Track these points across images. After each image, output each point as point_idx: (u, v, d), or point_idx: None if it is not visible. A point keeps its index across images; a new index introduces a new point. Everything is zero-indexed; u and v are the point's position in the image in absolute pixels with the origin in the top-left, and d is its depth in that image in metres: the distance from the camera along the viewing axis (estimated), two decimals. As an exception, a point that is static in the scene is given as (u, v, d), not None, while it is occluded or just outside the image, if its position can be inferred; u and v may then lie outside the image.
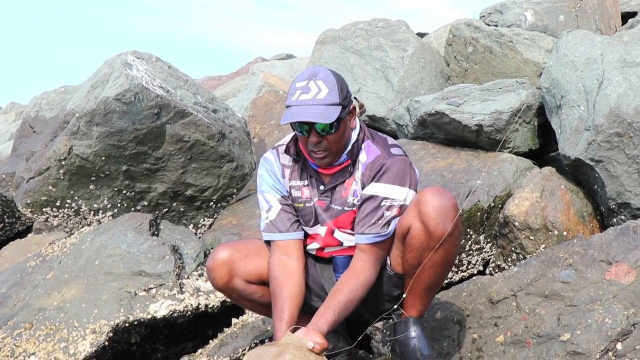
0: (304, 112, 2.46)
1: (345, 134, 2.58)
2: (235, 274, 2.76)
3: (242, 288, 2.79)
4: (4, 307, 3.91)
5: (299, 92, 2.50)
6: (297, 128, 2.55)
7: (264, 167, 2.78)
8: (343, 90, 2.53)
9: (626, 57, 4.03)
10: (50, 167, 4.64)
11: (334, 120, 2.46)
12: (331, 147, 2.55)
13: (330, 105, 2.47)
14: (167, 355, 3.87)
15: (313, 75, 2.52)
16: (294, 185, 2.74)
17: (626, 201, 3.74)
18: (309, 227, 2.75)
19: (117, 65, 4.71)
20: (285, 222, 2.72)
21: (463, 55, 5.96)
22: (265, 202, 2.77)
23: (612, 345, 2.63)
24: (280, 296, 2.60)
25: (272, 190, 2.76)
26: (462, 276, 3.93)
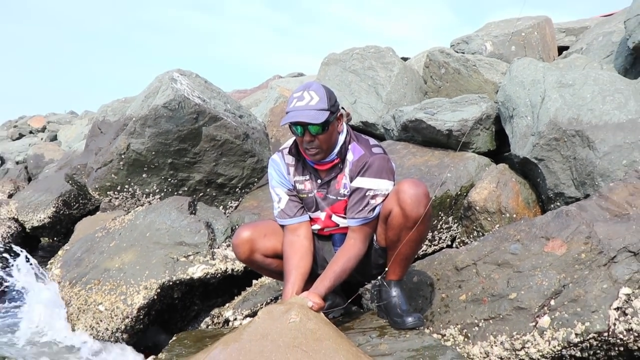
0: (299, 114, 2.47)
1: (333, 135, 2.58)
2: (256, 250, 2.77)
3: (261, 260, 2.81)
4: (79, 267, 3.94)
5: (295, 100, 2.52)
6: (294, 129, 2.55)
7: (272, 167, 2.78)
8: (331, 100, 2.54)
9: (562, 79, 4.02)
10: (113, 160, 4.64)
11: (323, 122, 2.47)
12: (322, 145, 2.55)
13: (320, 110, 2.48)
14: (202, 308, 3.89)
15: (307, 87, 2.53)
16: (298, 180, 2.74)
17: (561, 191, 3.74)
18: (311, 213, 2.76)
19: (165, 80, 4.71)
20: (292, 209, 2.73)
21: (437, 75, 5.93)
22: (275, 195, 2.77)
23: (547, 302, 2.65)
24: (288, 267, 2.62)
25: (280, 185, 2.76)
26: (434, 249, 3.94)
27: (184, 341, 2.77)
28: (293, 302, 2.32)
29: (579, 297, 2.62)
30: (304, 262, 2.64)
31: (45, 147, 12.69)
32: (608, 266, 2.69)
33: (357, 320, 2.81)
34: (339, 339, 2.17)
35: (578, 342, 2.52)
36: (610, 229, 2.84)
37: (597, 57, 5.40)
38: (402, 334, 2.50)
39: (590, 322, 2.53)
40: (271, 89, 7.95)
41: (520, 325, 2.64)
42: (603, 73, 4.07)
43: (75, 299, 3.70)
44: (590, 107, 3.77)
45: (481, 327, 2.73)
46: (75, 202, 7.75)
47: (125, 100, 6.64)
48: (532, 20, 6.47)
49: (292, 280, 2.58)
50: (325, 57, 6.66)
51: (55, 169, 9.31)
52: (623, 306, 2.55)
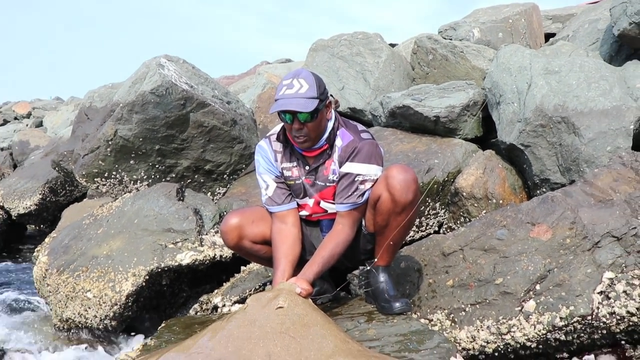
0: (288, 103, 2.46)
1: (322, 123, 2.57)
2: (244, 236, 2.76)
3: (249, 247, 2.80)
4: (67, 254, 3.93)
5: (284, 87, 2.50)
6: (283, 117, 2.53)
7: (259, 153, 2.76)
8: (320, 87, 2.52)
9: (548, 66, 4.03)
10: (100, 146, 4.61)
11: (312, 110, 2.46)
12: (310, 133, 2.54)
13: (310, 98, 2.46)
14: (190, 295, 3.89)
15: (296, 75, 2.51)
16: (285, 166, 2.72)
17: (547, 177, 3.77)
18: (299, 199, 2.75)
19: (152, 66, 4.67)
20: (280, 196, 2.72)
21: (425, 61, 5.93)
22: (263, 182, 2.76)
23: (532, 287, 2.69)
24: (277, 254, 2.63)
25: (267, 172, 2.75)
26: (421, 235, 3.95)
27: (172, 327, 2.78)
28: (281, 288, 2.33)
29: (564, 281, 2.66)
30: (293, 250, 2.65)
31: (31, 133, 12.56)
32: (592, 251, 2.73)
33: (345, 306, 2.82)
34: (327, 324, 2.18)
35: (562, 325, 2.57)
36: (595, 215, 2.88)
37: (583, 44, 5.42)
38: (390, 319, 2.52)
39: (575, 306, 2.57)
40: (259, 75, 7.90)
41: (506, 309, 2.67)
42: (589, 60, 4.09)
43: (63, 287, 3.69)
44: (576, 93, 3.79)
45: (468, 312, 2.76)
46: (62, 189, 7.69)
47: (112, 86, 6.57)
48: (519, 7, 6.48)
49: (282, 267, 2.58)
50: (313, 43, 6.63)
51: (41, 155, 9.22)
52: (606, 290, 2.60)
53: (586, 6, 7.20)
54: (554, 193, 3.06)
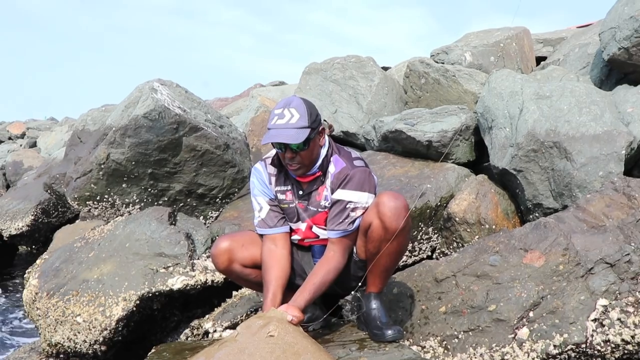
0: (279, 134, 2.45)
1: (314, 151, 2.56)
2: (234, 260, 2.74)
3: (239, 270, 2.78)
4: (57, 277, 3.88)
5: (276, 117, 2.49)
6: (275, 146, 2.54)
7: (255, 175, 2.76)
8: (312, 115, 2.51)
9: (539, 91, 4.05)
10: (93, 170, 4.58)
11: (302, 141, 2.45)
12: (303, 161, 2.54)
13: (301, 129, 2.46)
14: (181, 319, 3.85)
15: (287, 104, 2.51)
16: (279, 189, 2.71)
17: (539, 202, 3.76)
18: (292, 223, 2.73)
19: (145, 90, 4.67)
20: (273, 219, 2.71)
21: (417, 85, 5.96)
22: (257, 204, 2.75)
23: (526, 314, 2.67)
24: (267, 278, 2.60)
25: (262, 194, 2.74)
26: (414, 260, 3.92)
27: (163, 353, 2.73)
28: (271, 315, 2.30)
29: (557, 308, 2.63)
30: (283, 273, 2.62)
31: (25, 153, 12.52)
32: (585, 278, 2.72)
33: (337, 333, 2.79)
34: (318, 352, 2.16)
35: (556, 353, 2.54)
36: (588, 241, 2.87)
37: (573, 68, 5.46)
38: (382, 347, 2.49)
39: (569, 334, 2.55)
40: (252, 98, 7.92)
41: (499, 337, 2.65)
42: (579, 85, 4.11)
43: (53, 311, 3.64)
44: (568, 118, 3.80)
45: (461, 338, 2.73)
46: (54, 211, 7.65)
47: (105, 109, 6.57)
48: (510, 31, 6.54)
49: (273, 291, 2.56)
50: (306, 66, 6.66)
51: (34, 176, 9.17)
52: (600, 317, 2.58)
53: (576, 30, 7.28)
54: (547, 219, 3.05)
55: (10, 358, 3.88)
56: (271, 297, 2.54)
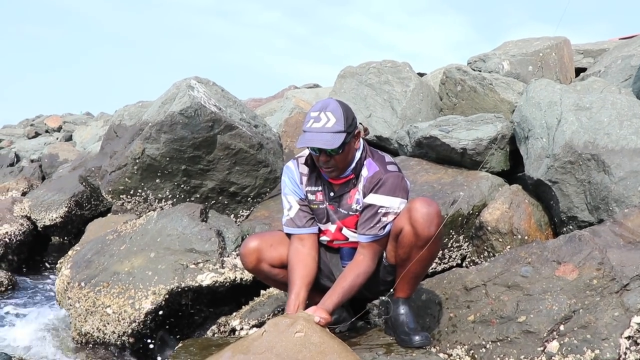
0: (314, 138, 2.46)
1: (349, 154, 2.57)
2: (263, 259, 2.77)
3: (267, 270, 2.80)
4: (88, 268, 3.95)
5: (312, 120, 2.50)
6: (310, 149, 2.55)
7: (287, 174, 2.78)
8: (348, 119, 2.51)
9: (579, 102, 4.00)
10: (127, 164, 4.66)
11: (338, 146, 2.46)
12: (338, 165, 2.55)
13: (336, 133, 2.46)
14: (208, 316, 3.88)
15: (324, 108, 2.51)
16: (310, 190, 2.73)
17: (574, 215, 3.71)
18: (322, 224, 2.75)
19: (182, 87, 4.74)
20: (302, 219, 2.73)
21: (453, 92, 5.93)
22: (287, 202, 2.77)
23: (556, 327, 2.62)
24: (292, 278, 2.62)
25: (292, 194, 2.76)
26: (443, 267, 3.91)
27: (189, 348, 2.77)
28: (299, 315, 2.32)
29: (590, 323, 2.59)
30: (308, 273, 2.64)
31: (60, 146, 12.81)
32: (620, 294, 2.66)
33: (363, 336, 2.79)
34: (344, 352, 2.17)
35: (587, 369, 2.50)
36: (624, 256, 2.81)
37: (615, 80, 5.38)
38: (409, 353, 2.48)
39: (600, 350, 2.50)
40: (287, 99, 7.97)
41: (528, 349, 2.61)
42: (621, 97, 4.04)
43: (84, 301, 3.71)
44: (607, 131, 3.74)
45: (488, 348, 2.70)
46: (87, 203, 7.80)
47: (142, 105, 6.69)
48: (550, 40, 6.47)
49: (296, 290, 2.58)
50: (341, 69, 6.68)
51: (69, 169, 9.38)
52: (635, 335, 2.52)
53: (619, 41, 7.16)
54: (582, 232, 3.00)
55: (41, 345, 3.97)
56: (294, 297, 2.56)
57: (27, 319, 5.59)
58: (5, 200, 8.48)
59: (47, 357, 3.64)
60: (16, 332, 5.22)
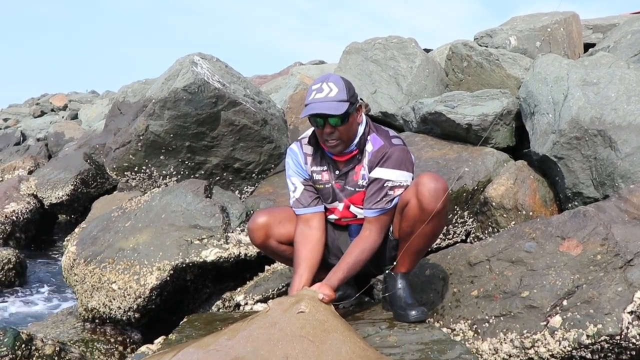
0: (319, 107, 2.46)
1: (353, 126, 2.56)
2: (271, 235, 2.78)
3: (275, 246, 2.81)
4: (94, 245, 3.98)
5: (314, 92, 2.50)
6: (314, 121, 2.54)
7: (290, 156, 2.78)
8: (350, 90, 2.52)
9: (586, 77, 3.96)
10: (132, 141, 4.67)
11: (343, 113, 2.46)
12: (342, 137, 2.54)
13: (340, 102, 2.46)
14: (213, 291, 3.91)
15: (325, 79, 2.53)
16: (315, 170, 2.73)
17: (579, 191, 3.70)
18: (329, 204, 2.75)
19: (185, 63, 4.72)
20: (307, 198, 2.73)
21: (459, 68, 5.88)
22: (291, 184, 2.78)
23: (559, 302, 2.63)
24: (297, 259, 2.64)
25: (296, 175, 2.77)
26: (448, 243, 3.91)
27: (194, 323, 2.80)
28: (304, 293, 2.34)
29: (593, 298, 2.59)
30: (314, 254, 2.66)
31: (66, 125, 12.84)
32: (624, 269, 2.66)
33: (367, 311, 2.81)
34: (347, 331, 2.18)
35: (589, 343, 2.50)
36: (629, 232, 2.81)
37: (624, 55, 5.31)
38: (412, 327, 2.50)
39: (603, 325, 2.50)
40: (292, 76, 7.94)
41: (531, 323, 2.62)
42: (630, 72, 4.00)
43: (90, 277, 3.75)
44: (615, 106, 3.71)
45: (491, 323, 2.71)
46: (93, 181, 7.85)
47: (146, 81, 6.67)
48: (558, 15, 6.38)
49: (301, 272, 2.59)
50: (347, 45, 6.63)
51: (75, 147, 9.42)
52: (637, 310, 2.52)
53: (630, 16, 7.06)
54: (586, 207, 3.00)
55: (49, 321, 4.02)
56: (298, 278, 2.58)
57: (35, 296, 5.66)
58: (11, 179, 8.55)
59: (54, 332, 3.68)
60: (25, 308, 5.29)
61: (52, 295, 5.86)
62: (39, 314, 5.16)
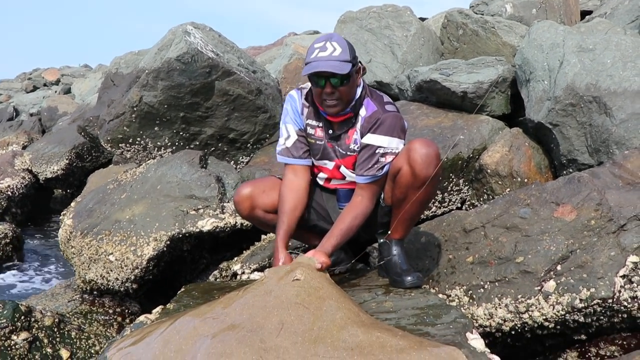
0: (323, 65, 2.42)
1: (353, 88, 2.54)
2: (256, 206, 2.76)
3: (262, 216, 2.80)
4: (90, 217, 3.99)
5: (317, 50, 2.46)
6: (314, 80, 2.51)
7: (289, 102, 2.74)
8: (352, 52, 2.49)
9: (582, 44, 3.93)
10: (125, 112, 4.65)
11: (346, 73, 2.43)
12: (342, 97, 2.51)
13: (344, 62, 2.43)
14: (210, 262, 3.93)
15: (329, 38, 2.48)
16: (310, 123, 2.70)
17: (574, 157, 3.71)
18: (319, 160, 2.74)
19: (178, 33, 4.68)
20: (298, 150, 2.71)
21: (455, 36, 5.84)
22: (285, 131, 2.74)
23: (553, 267, 2.66)
24: (283, 208, 2.64)
25: (293, 122, 2.73)
26: (443, 210, 3.92)
27: (192, 292, 2.81)
28: (299, 261, 2.35)
29: (586, 263, 2.62)
30: (299, 204, 2.66)
31: (59, 99, 12.75)
32: (617, 234, 2.68)
33: (363, 278, 2.83)
34: (342, 298, 2.19)
35: (582, 307, 2.54)
36: (622, 197, 2.83)
37: (621, 22, 5.28)
38: (408, 292, 2.52)
39: (596, 289, 2.53)
40: (286, 46, 7.87)
41: (525, 288, 2.65)
42: (626, 38, 3.98)
43: (87, 249, 3.75)
44: (610, 73, 3.70)
45: (486, 289, 2.74)
46: (88, 155, 7.82)
47: (139, 52, 6.61)
48: (555, -18, 6.32)
49: (288, 222, 2.61)
50: (341, 14, 6.57)
51: (68, 121, 9.37)
52: (630, 274, 2.56)
53: (626, -17, 6.99)
54: (581, 173, 3.00)
55: (47, 294, 4.04)
56: (286, 228, 2.59)
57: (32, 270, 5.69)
58: (5, 154, 8.52)
59: (52, 305, 3.71)
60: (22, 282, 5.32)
61: (49, 268, 5.89)
62: (36, 288, 5.19)
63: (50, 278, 5.53)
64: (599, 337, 2.66)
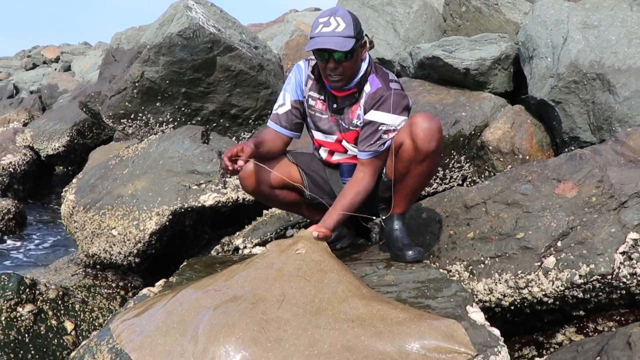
0: (325, 41, 2.41)
1: (357, 63, 2.53)
2: (262, 181, 2.76)
3: (268, 192, 2.81)
4: (93, 193, 4.00)
5: (321, 25, 2.44)
6: (318, 56, 2.50)
7: (295, 72, 2.75)
8: (357, 27, 2.47)
9: (587, 20, 3.90)
10: (127, 88, 4.63)
11: (349, 49, 2.42)
12: (345, 73, 2.50)
13: (347, 37, 2.41)
14: (212, 236, 3.95)
15: (333, 13, 2.46)
16: (312, 95, 2.71)
17: (576, 135, 3.70)
18: (320, 133, 2.75)
19: (180, 8, 4.64)
20: (288, 121, 2.74)
21: (457, 13, 5.79)
22: (282, 98, 2.76)
23: (554, 243, 2.66)
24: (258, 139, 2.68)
25: (292, 92, 2.74)
26: (444, 187, 3.93)
27: (194, 266, 2.83)
28: (301, 235, 2.36)
29: (586, 239, 2.62)
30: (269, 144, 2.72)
31: (60, 77, 12.69)
32: (618, 211, 2.69)
33: (364, 252, 2.85)
34: (343, 271, 2.21)
35: (581, 283, 2.55)
36: (624, 174, 2.82)
37: (627, -2, 5.24)
38: (409, 266, 2.53)
39: (595, 265, 2.55)
40: (287, 23, 7.82)
41: (525, 264, 2.66)
42: (632, 14, 3.94)
43: (90, 224, 3.77)
44: (615, 49, 3.67)
45: (487, 264, 2.75)
46: (89, 132, 7.82)
47: (140, 28, 6.56)
48: (560, -42, 6.25)
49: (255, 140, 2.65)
50: (344, -9, 6.51)
51: (69, 98, 9.35)
52: (629, 251, 2.56)
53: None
54: (583, 150, 3.00)
55: (51, 269, 4.07)
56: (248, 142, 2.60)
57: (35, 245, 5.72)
58: (6, 131, 8.51)
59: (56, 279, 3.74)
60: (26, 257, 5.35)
61: (52, 243, 5.92)
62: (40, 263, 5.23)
63: (53, 253, 5.57)
64: (597, 313, 2.68)
